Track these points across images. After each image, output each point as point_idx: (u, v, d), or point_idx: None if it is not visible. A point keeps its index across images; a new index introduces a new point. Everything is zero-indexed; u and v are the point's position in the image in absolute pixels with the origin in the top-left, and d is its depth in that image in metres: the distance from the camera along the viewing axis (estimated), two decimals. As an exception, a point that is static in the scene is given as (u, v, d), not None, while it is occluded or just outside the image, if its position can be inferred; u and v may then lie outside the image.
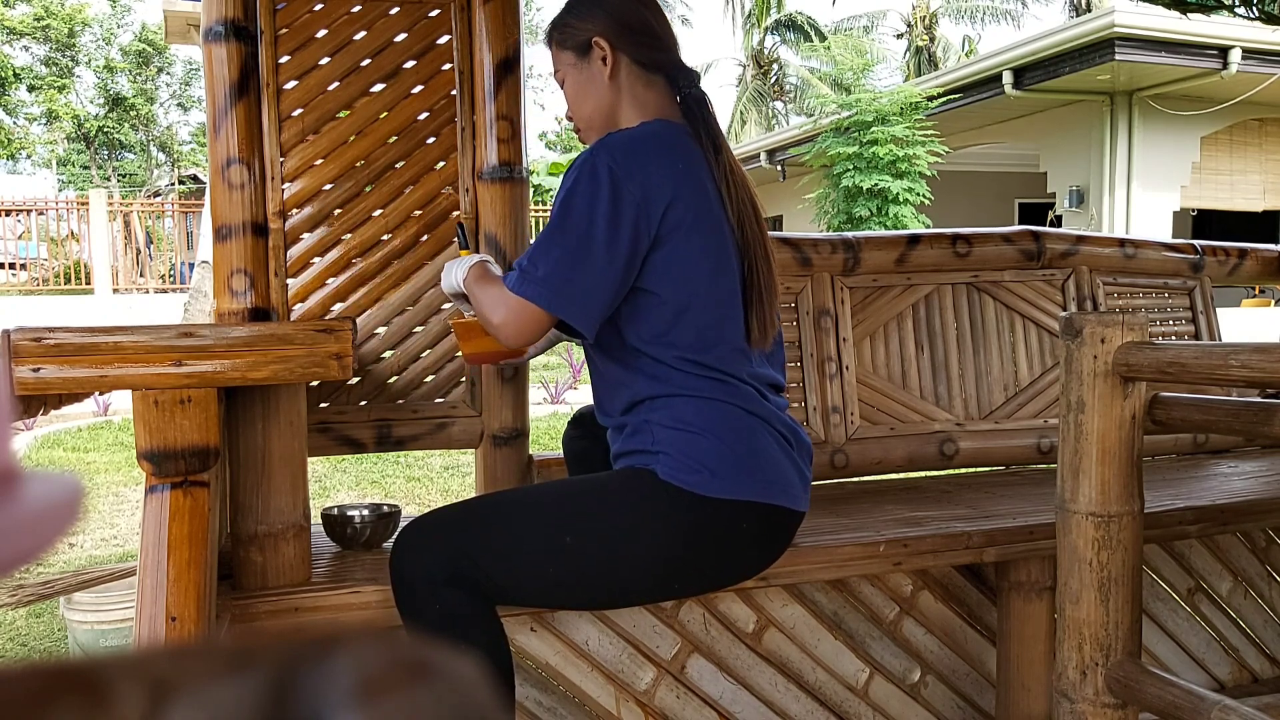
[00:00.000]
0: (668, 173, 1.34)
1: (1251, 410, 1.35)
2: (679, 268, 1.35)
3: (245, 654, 0.20)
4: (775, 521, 1.39)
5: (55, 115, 26.02)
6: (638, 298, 1.37)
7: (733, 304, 1.41)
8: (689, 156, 1.39)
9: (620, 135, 1.37)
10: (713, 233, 1.38)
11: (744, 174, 1.47)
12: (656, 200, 1.33)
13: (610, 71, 1.45)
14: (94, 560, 3.34)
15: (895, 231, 2.65)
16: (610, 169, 1.31)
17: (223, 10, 1.69)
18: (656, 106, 1.46)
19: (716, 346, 1.38)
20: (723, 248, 1.39)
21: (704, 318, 1.37)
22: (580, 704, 1.74)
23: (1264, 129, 10.48)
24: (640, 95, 1.46)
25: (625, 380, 1.41)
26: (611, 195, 1.31)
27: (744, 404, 1.38)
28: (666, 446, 1.34)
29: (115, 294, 12.20)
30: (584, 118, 1.50)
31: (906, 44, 23.79)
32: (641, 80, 1.46)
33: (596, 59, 1.45)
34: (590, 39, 1.45)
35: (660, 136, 1.39)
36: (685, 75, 1.47)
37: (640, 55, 1.45)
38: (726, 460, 1.33)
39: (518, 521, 1.34)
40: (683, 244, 1.35)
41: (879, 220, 10.56)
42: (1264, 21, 3.32)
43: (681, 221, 1.34)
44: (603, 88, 1.46)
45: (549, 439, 5.14)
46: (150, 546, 1.28)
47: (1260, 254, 2.71)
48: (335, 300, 1.79)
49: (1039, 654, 1.82)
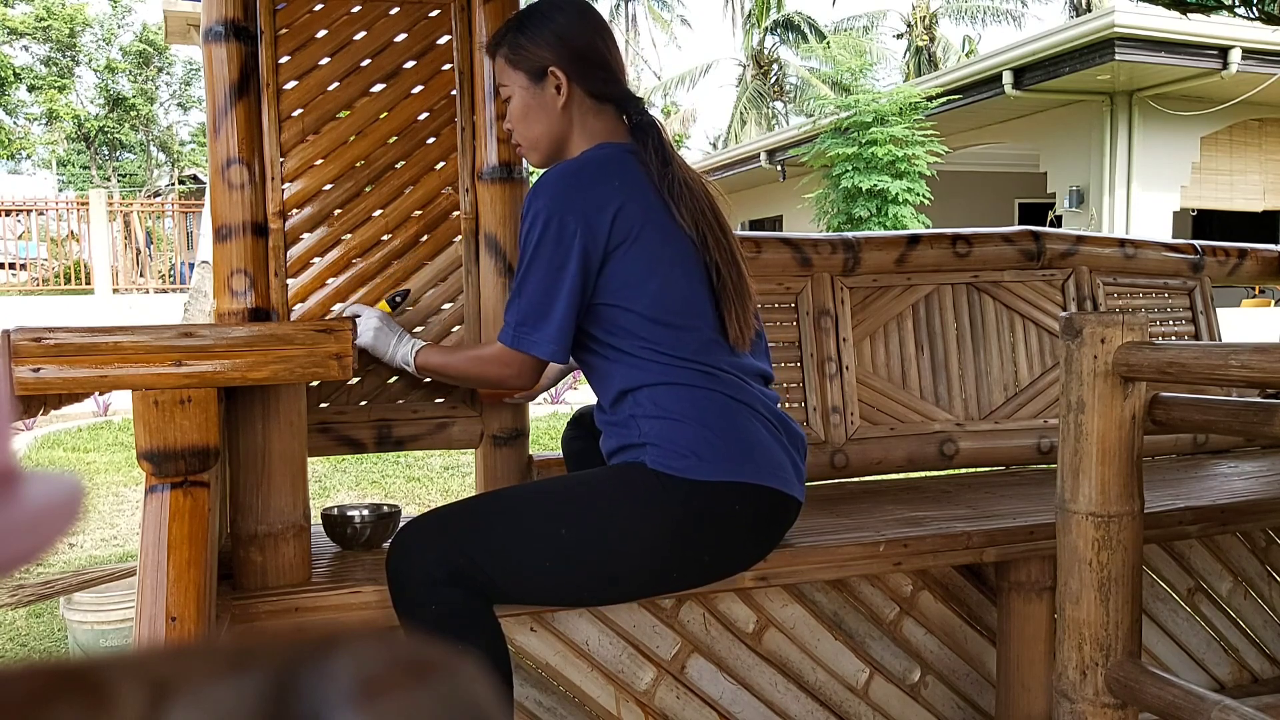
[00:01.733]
0: (605, 190, 1.39)
1: (1251, 410, 1.35)
2: (637, 272, 1.39)
3: (245, 654, 0.20)
4: (769, 504, 1.40)
5: (55, 115, 26.02)
6: (603, 311, 1.41)
7: (700, 299, 1.43)
8: (625, 171, 1.42)
9: (554, 173, 1.41)
10: (664, 234, 1.41)
11: (701, 182, 1.50)
12: (599, 220, 1.37)
13: (564, 102, 1.46)
14: (94, 560, 3.34)
15: (895, 232, 2.65)
16: (548, 208, 1.37)
17: (223, 10, 1.69)
18: (604, 132, 1.48)
19: (690, 339, 1.40)
20: (679, 245, 1.42)
21: (670, 314, 1.40)
22: (580, 704, 1.74)
23: (1264, 129, 10.48)
24: (589, 124, 1.48)
25: (609, 373, 1.44)
26: (556, 234, 1.37)
27: (726, 391, 1.40)
28: (652, 437, 1.37)
29: (115, 294, 12.20)
30: (529, 139, 1.51)
31: (906, 44, 23.79)
32: (592, 110, 1.48)
33: (550, 86, 1.46)
34: (546, 67, 1.45)
35: (596, 160, 1.43)
36: (634, 104, 1.50)
37: (593, 87, 1.47)
38: (713, 444, 1.35)
39: (514, 519, 1.34)
40: (635, 249, 1.39)
41: (878, 220, 10.56)
42: (1264, 21, 3.32)
43: (629, 231, 1.38)
44: (554, 116, 1.47)
45: (549, 439, 5.14)
46: (150, 546, 1.28)
47: (1260, 254, 2.71)
48: (335, 300, 1.79)
49: (1039, 654, 1.82)
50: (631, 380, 1.41)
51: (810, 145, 11.71)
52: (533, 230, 1.39)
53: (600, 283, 1.40)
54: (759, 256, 2.16)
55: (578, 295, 1.39)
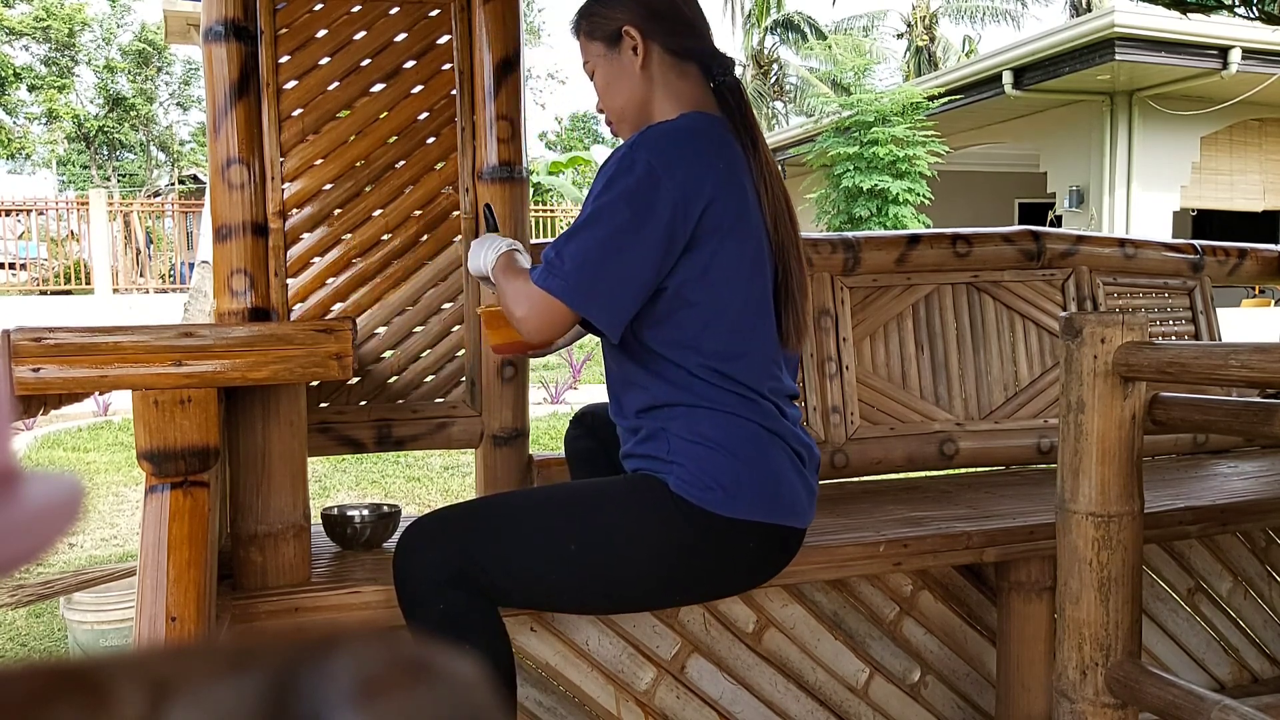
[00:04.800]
0: (708, 172, 1.29)
1: (1251, 410, 1.35)
2: (714, 273, 1.30)
3: (245, 654, 0.20)
4: (780, 540, 1.38)
5: (55, 115, 26.02)
6: (666, 302, 1.32)
7: (764, 310, 1.36)
8: (729, 154, 1.33)
9: (661, 128, 1.31)
10: (749, 236, 1.33)
11: (778, 169, 1.43)
12: (695, 200, 1.27)
13: (642, 61, 1.38)
14: (94, 560, 3.34)
15: (895, 231, 2.65)
16: (649, 163, 1.26)
17: (223, 10, 1.69)
18: (691, 97, 1.39)
19: (743, 357, 1.33)
20: (758, 251, 1.35)
21: (734, 326, 1.33)
22: (580, 704, 1.74)
23: (1264, 129, 10.48)
24: (674, 85, 1.39)
25: (644, 382, 1.36)
26: (649, 191, 1.25)
27: (764, 421, 1.34)
28: (682, 459, 1.31)
29: (115, 294, 12.20)
30: (615, 110, 1.44)
31: (906, 44, 23.79)
32: (675, 70, 1.40)
33: (627, 49, 1.39)
34: (620, 28, 1.39)
35: (701, 132, 1.33)
36: (719, 62, 1.41)
37: (672, 43, 1.39)
38: (741, 480, 1.30)
39: (522, 524, 1.33)
40: (718, 248, 1.30)
41: (879, 220, 10.56)
42: (1264, 21, 3.32)
43: (719, 225, 1.29)
44: (634, 79, 1.40)
45: (549, 439, 5.14)
46: (150, 546, 1.28)
47: (1260, 254, 2.71)
48: (335, 300, 1.79)
49: (1039, 654, 1.82)
50: (670, 396, 1.33)
51: (811, 145, 11.71)
52: (626, 175, 1.25)
53: (675, 268, 1.29)
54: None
55: (655, 266, 1.26)
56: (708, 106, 1.40)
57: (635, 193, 1.25)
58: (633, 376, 1.38)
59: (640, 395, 1.37)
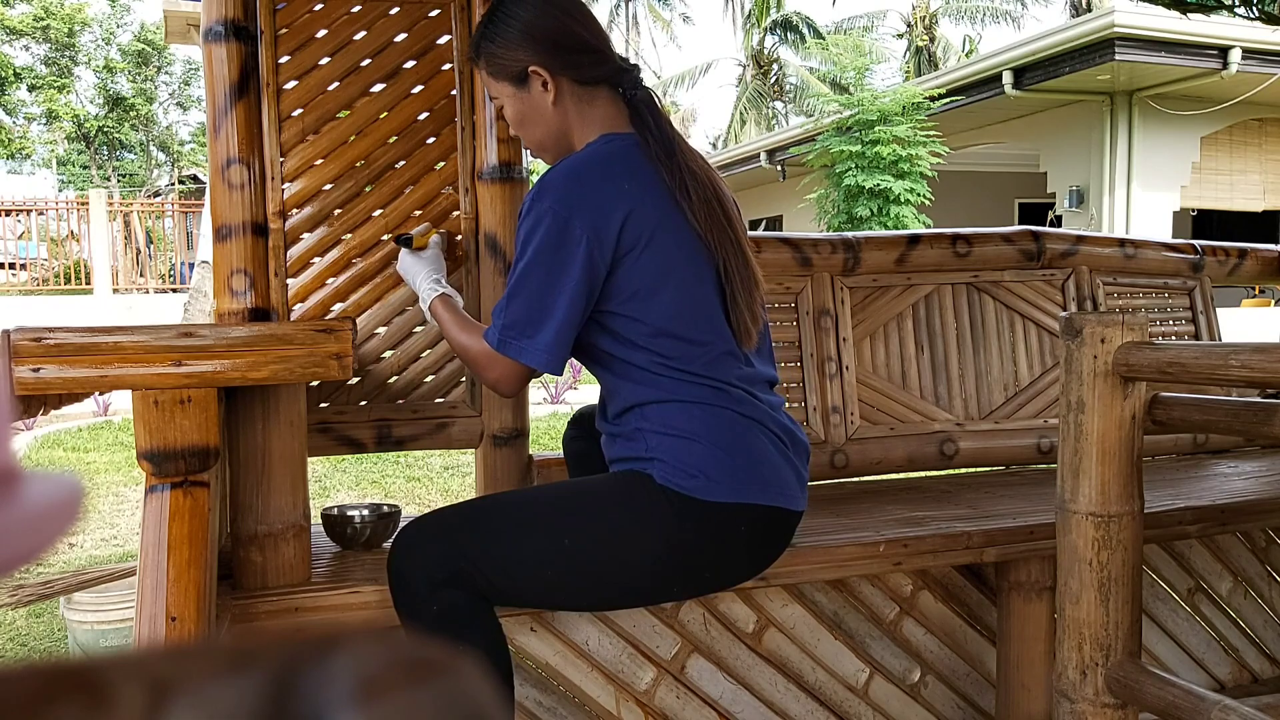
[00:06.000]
0: (615, 194, 1.32)
1: (1251, 410, 1.35)
2: (647, 282, 1.34)
3: (245, 654, 0.20)
4: (774, 522, 1.38)
5: (55, 115, 26.03)
6: (611, 319, 1.36)
7: (710, 307, 1.39)
8: (635, 170, 1.36)
9: (559, 169, 1.35)
10: (675, 239, 1.36)
11: (705, 169, 1.43)
12: (607, 226, 1.31)
13: (554, 98, 1.40)
14: (94, 560, 3.34)
15: (895, 231, 2.65)
16: (554, 211, 1.31)
17: (223, 10, 1.69)
18: (603, 120, 1.42)
19: (701, 354, 1.36)
20: (691, 250, 1.37)
21: (682, 326, 1.35)
22: (580, 704, 1.74)
23: (1264, 129, 10.48)
24: (586, 113, 1.42)
25: (615, 387, 1.40)
26: (559, 237, 1.30)
27: (736, 408, 1.36)
28: (660, 453, 1.34)
29: (115, 294, 12.21)
30: (534, 142, 1.47)
31: (907, 44, 23.79)
32: (585, 98, 1.41)
33: (536, 86, 1.40)
34: (526, 68, 1.39)
35: (606, 156, 1.36)
36: (626, 77, 1.43)
37: (580, 75, 1.40)
38: (723, 465, 1.33)
39: (517, 523, 1.34)
40: (645, 257, 1.33)
41: (879, 220, 10.56)
42: (1264, 21, 3.32)
43: (639, 236, 1.32)
44: (548, 114, 1.42)
45: (549, 439, 5.14)
46: (150, 546, 1.28)
47: (1260, 254, 2.71)
48: (335, 300, 1.79)
49: (1039, 654, 1.82)
50: (639, 395, 1.37)
51: (811, 145, 11.71)
52: (535, 230, 1.32)
53: (607, 290, 1.34)
54: (759, 256, 2.16)
55: (580, 304, 1.32)
56: (620, 125, 1.42)
57: (547, 240, 1.31)
58: (606, 383, 1.43)
59: (616, 400, 1.41)
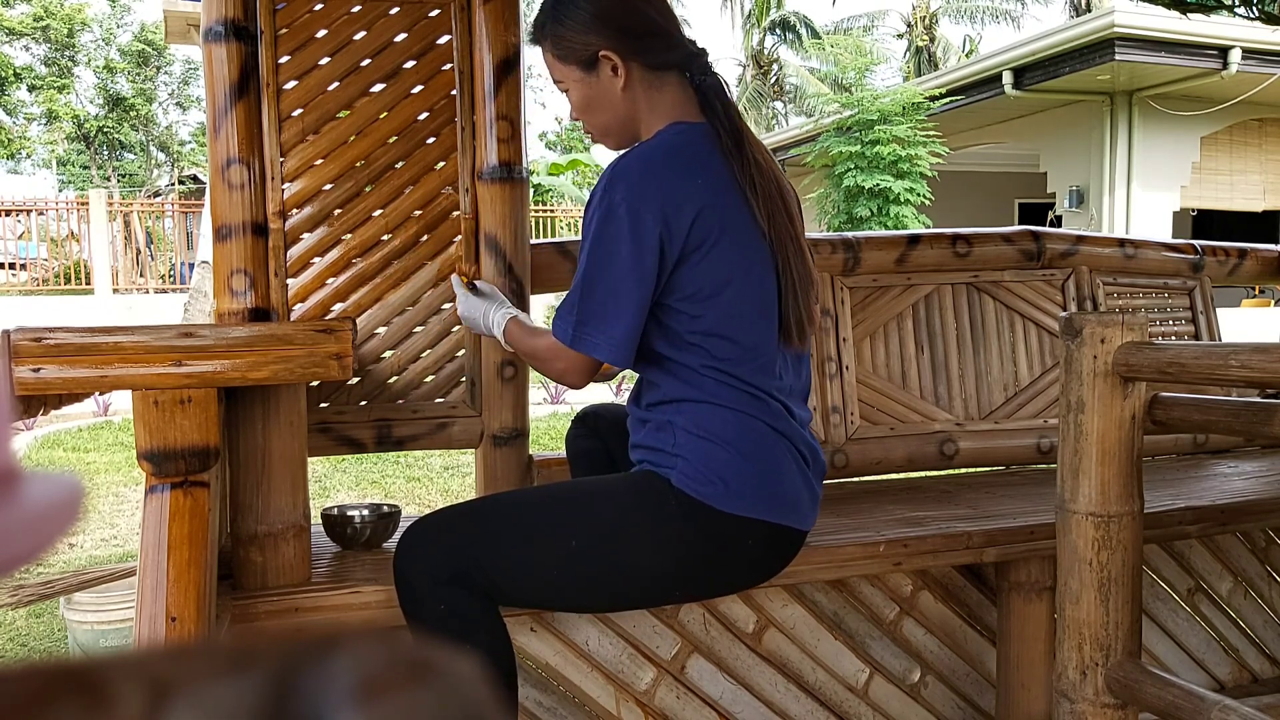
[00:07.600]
0: (687, 188, 1.30)
1: (1251, 410, 1.34)
2: (709, 283, 1.31)
3: (245, 654, 0.20)
4: (781, 540, 1.38)
5: (55, 115, 26.03)
6: (667, 314, 1.34)
7: (767, 310, 1.36)
8: (708, 164, 1.33)
9: (632, 158, 1.32)
10: (742, 240, 1.33)
11: (770, 163, 1.40)
12: (679, 219, 1.28)
13: (624, 83, 1.37)
14: (94, 560, 3.34)
15: (895, 231, 2.65)
16: (627, 202, 1.27)
17: (223, 10, 1.69)
18: (672, 106, 1.38)
19: (749, 359, 1.34)
20: (754, 252, 1.35)
21: (739, 327, 1.33)
22: (580, 704, 1.74)
23: (1264, 129, 10.48)
24: (655, 100, 1.38)
25: (656, 378, 1.38)
26: (632, 230, 1.27)
27: (772, 421, 1.35)
28: (686, 452, 1.32)
29: (115, 294, 12.20)
30: (599, 127, 1.44)
31: (907, 44, 23.80)
32: (655, 84, 1.38)
33: (605, 71, 1.37)
34: (596, 53, 1.35)
35: (678, 148, 1.33)
36: (696, 63, 1.39)
37: (651, 60, 1.37)
38: (744, 476, 1.31)
39: (522, 523, 1.33)
40: (711, 258, 1.31)
41: (879, 220, 10.56)
42: (1264, 21, 3.32)
43: (707, 235, 1.30)
44: (616, 100, 1.38)
45: (549, 439, 5.14)
46: (150, 546, 1.28)
47: (1260, 254, 2.71)
48: (335, 300, 1.79)
49: (1039, 654, 1.82)
50: (679, 392, 1.35)
51: (812, 145, 11.71)
52: (607, 222, 1.28)
53: (668, 285, 1.31)
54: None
55: (649, 298, 1.30)
56: (690, 112, 1.39)
57: (620, 232, 1.28)
58: (647, 373, 1.41)
59: (653, 390, 1.39)
